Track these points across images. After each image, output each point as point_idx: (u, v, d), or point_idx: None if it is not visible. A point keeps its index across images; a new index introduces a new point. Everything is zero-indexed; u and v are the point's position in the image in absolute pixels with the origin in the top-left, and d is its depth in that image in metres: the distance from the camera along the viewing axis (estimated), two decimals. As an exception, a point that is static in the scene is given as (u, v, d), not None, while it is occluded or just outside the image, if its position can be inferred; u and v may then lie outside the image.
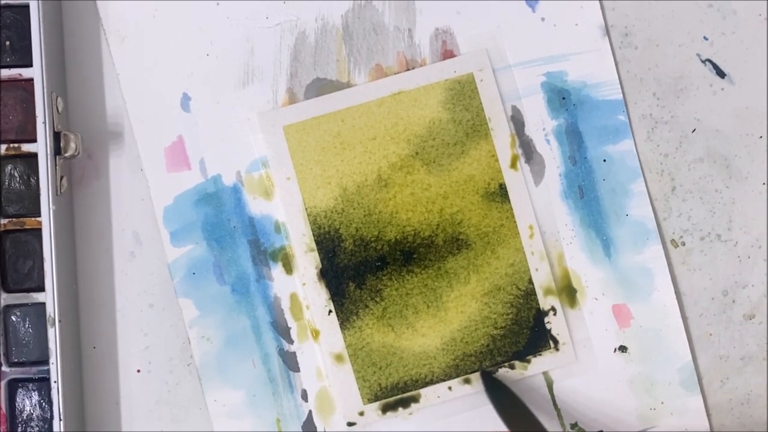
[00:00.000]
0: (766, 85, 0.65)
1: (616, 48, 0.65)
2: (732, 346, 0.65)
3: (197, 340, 0.63)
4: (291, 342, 0.63)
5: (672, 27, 0.65)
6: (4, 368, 0.60)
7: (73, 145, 0.59)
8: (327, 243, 0.62)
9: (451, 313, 0.63)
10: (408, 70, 0.63)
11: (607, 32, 0.64)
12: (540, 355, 0.63)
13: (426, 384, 0.63)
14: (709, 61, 0.65)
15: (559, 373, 0.64)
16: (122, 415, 0.63)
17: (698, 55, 0.65)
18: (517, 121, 0.64)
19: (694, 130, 0.65)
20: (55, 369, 0.58)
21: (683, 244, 0.65)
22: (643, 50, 0.65)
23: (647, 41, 0.65)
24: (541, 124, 0.64)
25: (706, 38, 0.65)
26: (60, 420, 0.58)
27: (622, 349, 0.64)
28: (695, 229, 0.65)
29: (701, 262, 0.65)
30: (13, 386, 0.60)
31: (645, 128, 0.65)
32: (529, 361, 0.63)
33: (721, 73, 0.65)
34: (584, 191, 0.64)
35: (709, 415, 0.65)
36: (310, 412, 0.63)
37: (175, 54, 0.63)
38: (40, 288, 0.59)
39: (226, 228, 0.63)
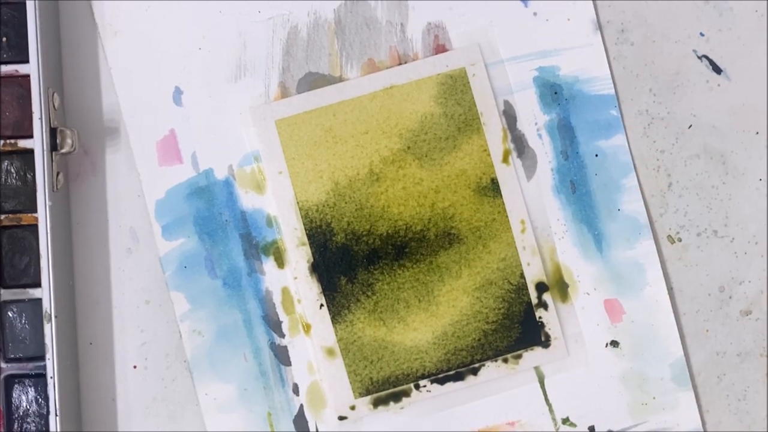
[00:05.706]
0: (762, 81, 0.65)
1: (613, 44, 0.65)
2: (728, 342, 0.65)
3: (188, 333, 0.63)
4: (282, 336, 0.63)
5: (668, 23, 0.65)
6: (1, 364, 0.60)
7: (69, 141, 0.59)
8: (319, 237, 0.62)
9: (443, 307, 0.63)
10: (400, 64, 0.63)
11: (600, 28, 0.64)
12: (531, 349, 0.63)
13: (417, 378, 0.63)
14: (706, 57, 0.65)
15: (551, 368, 0.63)
16: (118, 411, 0.64)
17: (694, 51, 0.65)
18: (509, 115, 0.64)
19: (691, 126, 0.65)
20: (52, 365, 0.58)
21: (680, 240, 0.65)
22: (639, 46, 0.65)
23: (643, 37, 0.65)
24: (533, 119, 0.64)
25: (702, 34, 0.65)
26: (56, 416, 0.58)
27: (614, 344, 0.64)
28: (692, 225, 0.65)
29: (698, 259, 0.65)
30: (9, 382, 0.60)
31: (641, 124, 0.65)
32: (520, 356, 0.63)
33: (717, 69, 0.65)
34: (576, 186, 0.64)
35: (705, 412, 0.65)
36: (302, 406, 0.63)
37: (168, 48, 0.63)
38: (37, 284, 0.60)
39: (217, 222, 0.63)
